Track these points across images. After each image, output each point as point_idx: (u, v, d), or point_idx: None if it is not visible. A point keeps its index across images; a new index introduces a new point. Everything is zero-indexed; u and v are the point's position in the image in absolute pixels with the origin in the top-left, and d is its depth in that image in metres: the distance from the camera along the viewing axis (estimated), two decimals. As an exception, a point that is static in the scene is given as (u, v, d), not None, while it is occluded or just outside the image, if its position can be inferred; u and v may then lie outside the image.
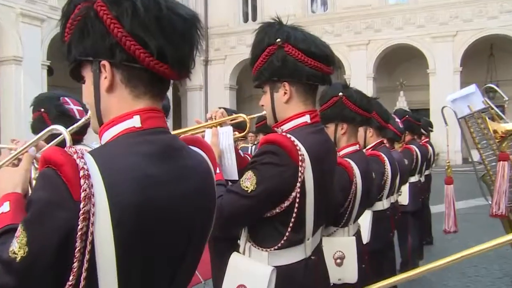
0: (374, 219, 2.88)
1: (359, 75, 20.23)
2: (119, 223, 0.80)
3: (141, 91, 0.94)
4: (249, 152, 8.61)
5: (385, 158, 3.08)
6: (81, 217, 0.77)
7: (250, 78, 1.73)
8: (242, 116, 1.96)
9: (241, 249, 1.65)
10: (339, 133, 2.31)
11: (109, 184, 0.81)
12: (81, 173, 0.79)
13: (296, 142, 1.48)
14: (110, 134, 0.93)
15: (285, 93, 1.62)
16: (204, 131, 1.82)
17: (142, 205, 0.83)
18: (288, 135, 1.49)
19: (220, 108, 2.33)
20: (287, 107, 1.62)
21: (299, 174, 1.45)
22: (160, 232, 0.87)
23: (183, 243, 0.94)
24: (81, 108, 2.35)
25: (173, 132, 1.15)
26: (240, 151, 1.97)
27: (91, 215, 0.78)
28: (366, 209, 2.59)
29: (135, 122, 0.92)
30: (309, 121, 1.62)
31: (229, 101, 22.45)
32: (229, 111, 2.64)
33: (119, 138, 0.92)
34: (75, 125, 1.42)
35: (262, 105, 1.72)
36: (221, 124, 1.84)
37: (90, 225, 0.78)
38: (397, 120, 4.11)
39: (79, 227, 0.77)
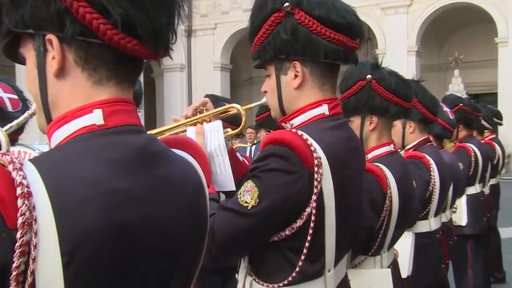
0: (417, 244, 2.83)
1: (397, 49, 20.01)
2: (72, 258, 0.78)
3: (103, 75, 0.93)
4: (247, 155, 8.42)
5: (431, 162, 3.06)
6: (17, 251, 0.75)
7: (249, 54, 1.74)
8: (235, 107, 1.99)
9: (239, 286, 1.64)
10: (367, 129, 2.31)
11: (59, 205, 0.78)
12: (18, 191, 0.76)
13: (310, 141, 1.49)
14: (61, 134, 0.92)
15: (295, 75, 1.63)
16: (185, 131, 1.85)
17: (108, 232, 0.81)
18: (300, 132, 1.50)
19: (206, 96, 2.32)
20: (299, 94, 1.64)
21: (315, 183, 1.47)
22: (135, 266, 0.86)
23: (166, 279, 0.94)
24: (16, 97, 2.27)
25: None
26: (238, 154, 2.03)
27: (32, 247, 0.75)
28: (406, 231, 2.55)
29: (96, 118, 0.91)
30: (327, 112, 1.63)
31: (220, 86, 22.41)
32: (219, 100, 2.69)
33: (74, 140, 0.90)
34: (14, 123, 1.40)
35: (265, 92, 1.73)
36: (206, 119, 1.88)
37: (30, 261, 0.75)
38: (447, 109, 4.06)
39: (15, 264, 0.74)
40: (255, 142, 8.27)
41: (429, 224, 3.14)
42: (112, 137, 0.91)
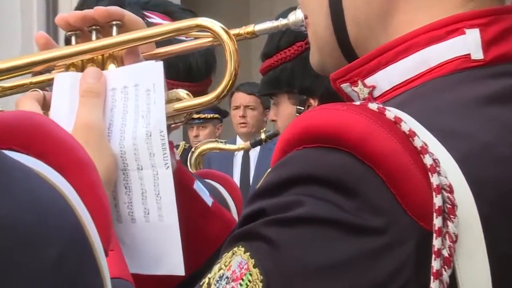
0: None
1: None
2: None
3: None
4: (235, 177, 3.99)
5: None
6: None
7: None
8: (209, 27, 1.04)
9: None
10: None
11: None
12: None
13: (424, 137, 0.83)
14: None
15: None
16: (49, 82, 1.07)
17: None
18: (392, 112, 0.83)
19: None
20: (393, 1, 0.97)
21: (436, 265, 0.81)
22: None
23: None
24: None
25: None
26: (198, 184, 1.24)
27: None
28: None
29: None
30: (478, 54, 0.93)
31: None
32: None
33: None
34: None
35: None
36: (117, 57, 1.07)
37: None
38: None
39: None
40: (262, 137, 2.64)
41: None
42: None
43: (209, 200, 1.20)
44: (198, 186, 1.19)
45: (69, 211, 0.63)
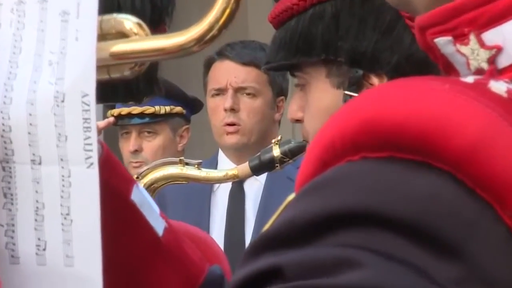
0: None
1: None
2: None
3: None
4: (214, 227, 2.33)
5: None
6: None
7: None
8: None
9: None
10: None
11: None
12: None
13: None
14: None
15: None
16: None
17: None
18: None
19: None
20: None
21: None
22: None
23: None
24: None
25: None
26: (143, 196, 0.84)
27: None
28: None
29: None
30: None
31: None
32: None
33: None
34: None
35: None
36: None
37: None
38: None
39: None
40: (274, 153, 1.29)
41: None
42: None
43: (159, 224, 0.84)
44: (139, 195, 0.81)
45: None
